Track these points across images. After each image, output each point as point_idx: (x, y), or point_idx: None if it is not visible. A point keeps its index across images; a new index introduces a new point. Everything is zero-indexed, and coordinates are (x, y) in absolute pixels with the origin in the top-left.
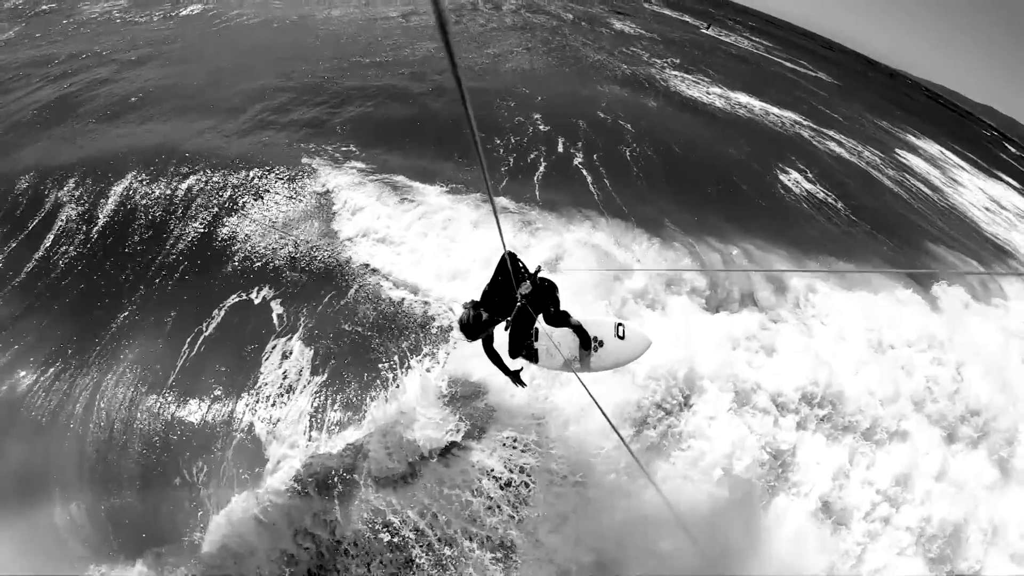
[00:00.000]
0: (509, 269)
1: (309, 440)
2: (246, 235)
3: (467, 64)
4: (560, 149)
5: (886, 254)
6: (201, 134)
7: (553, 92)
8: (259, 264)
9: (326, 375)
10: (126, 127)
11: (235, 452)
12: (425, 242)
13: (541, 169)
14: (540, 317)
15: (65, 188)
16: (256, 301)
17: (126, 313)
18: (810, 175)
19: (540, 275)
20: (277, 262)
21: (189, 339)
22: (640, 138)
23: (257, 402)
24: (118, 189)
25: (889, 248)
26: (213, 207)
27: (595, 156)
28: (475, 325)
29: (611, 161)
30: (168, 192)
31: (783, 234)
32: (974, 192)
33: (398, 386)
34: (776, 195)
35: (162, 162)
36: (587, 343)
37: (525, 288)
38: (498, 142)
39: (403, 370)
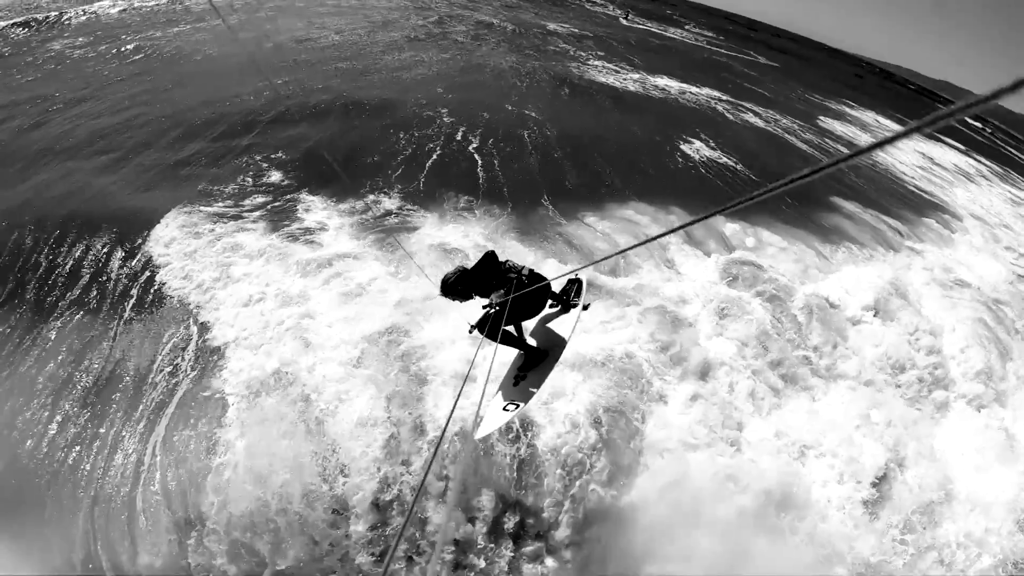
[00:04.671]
0: (490, 270)
1: None
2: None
3: (384, 72)
4: (459, 137)
5: (783, 211)
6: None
7: (466, 89)
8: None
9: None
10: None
11: None
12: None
13: (434, 157)
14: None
15: None
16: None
17: None
18: (713, 143)
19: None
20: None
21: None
22: (542, 123)
23: None
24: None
25: (786, 204)
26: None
27: (490, 141)
28: (450, 287)
29: (507, 145)
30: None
31: (672, 198)
32: (908, 154)
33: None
34: (671, 163)
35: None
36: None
37: (497, 296)
38: (402, 135)
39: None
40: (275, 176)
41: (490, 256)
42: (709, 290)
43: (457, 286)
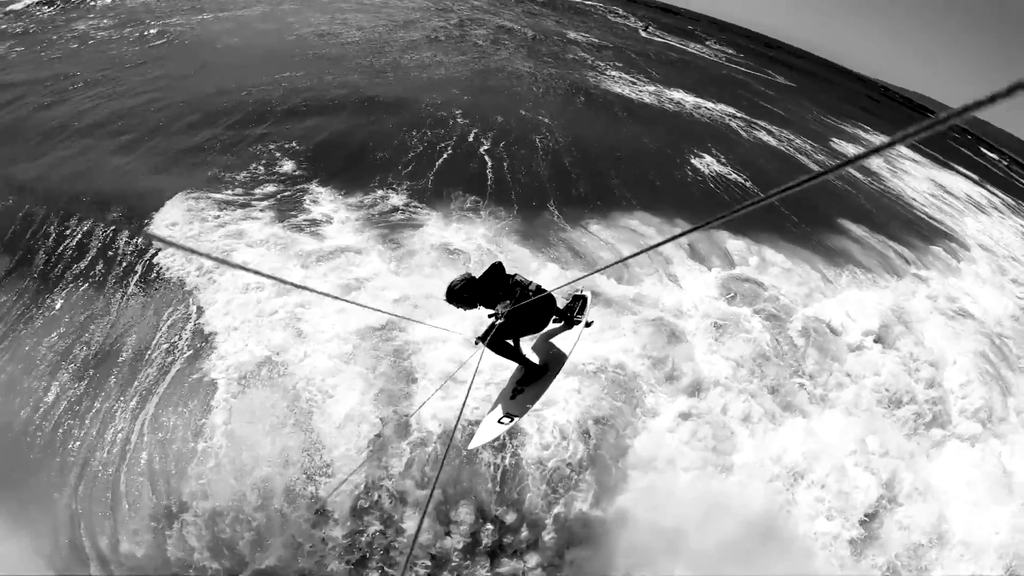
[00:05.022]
0: (496, 281)
1: None
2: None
3: (402, 70)
4: (471, 139)
5: (789, 231)
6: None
7: (481, 92)
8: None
9: None
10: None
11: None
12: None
13: (445, 156)
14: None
15: None
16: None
17: None
18: (724, 159)
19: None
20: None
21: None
22: (554, 129)
23: None
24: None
25: (793, 224)
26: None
27: (502, 144)
28: (456, 294)
29: (518, 149)
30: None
31: (678, 211)
32: (920, 180)
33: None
34: (680, 176)
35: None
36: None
37: (503, 307)
38: (414, 133)
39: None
40: (287, 166)
41: (497, 267)
42: (708, 305)
43: (463, 294)
